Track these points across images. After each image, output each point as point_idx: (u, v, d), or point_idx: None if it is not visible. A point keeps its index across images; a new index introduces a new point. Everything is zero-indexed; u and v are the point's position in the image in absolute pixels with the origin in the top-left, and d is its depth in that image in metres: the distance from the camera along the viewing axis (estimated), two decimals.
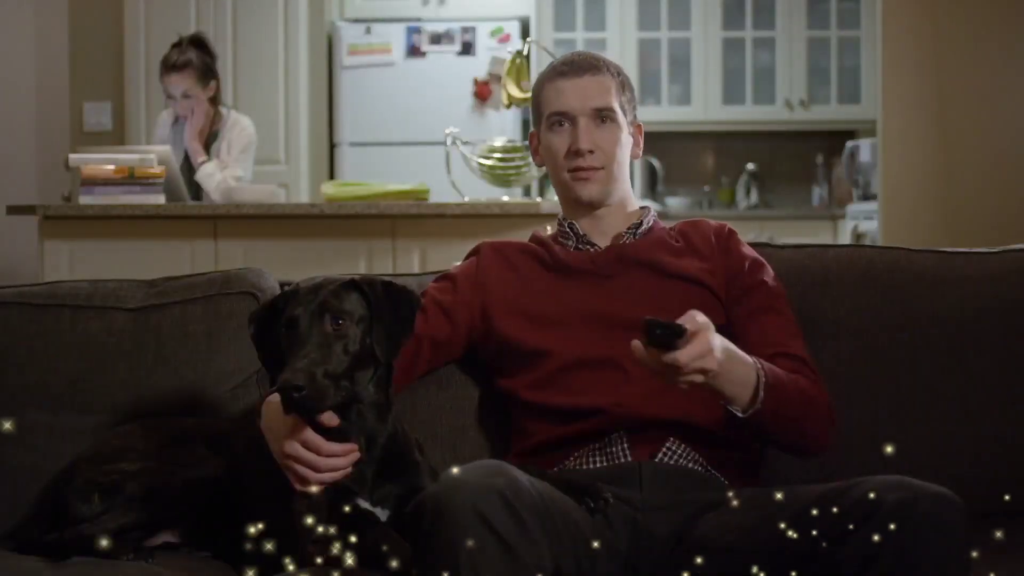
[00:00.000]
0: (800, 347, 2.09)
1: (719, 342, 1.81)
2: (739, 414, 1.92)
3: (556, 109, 2.16)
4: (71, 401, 2.25)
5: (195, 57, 4.82)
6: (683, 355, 1.74)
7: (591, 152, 2.14)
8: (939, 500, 1.61)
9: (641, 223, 2.21)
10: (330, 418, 1.84)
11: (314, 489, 1.84)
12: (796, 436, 2.01)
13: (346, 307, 1.83)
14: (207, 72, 4.86)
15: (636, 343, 1.75)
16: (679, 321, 1.76)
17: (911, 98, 5.13)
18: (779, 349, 2.05)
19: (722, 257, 2.17)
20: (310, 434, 1.84)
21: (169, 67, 4.82)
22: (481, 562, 1.59)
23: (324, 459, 1.84)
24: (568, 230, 2.21)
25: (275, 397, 1.94)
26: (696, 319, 1.78)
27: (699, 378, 1.78)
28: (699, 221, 2.25)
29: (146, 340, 2.28)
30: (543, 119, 2.20)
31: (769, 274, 2.16)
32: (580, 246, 2.20)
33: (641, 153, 2.26)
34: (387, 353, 1.87)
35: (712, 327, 1.79)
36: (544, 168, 2.28)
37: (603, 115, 2.15)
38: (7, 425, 1.93)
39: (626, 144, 2.19)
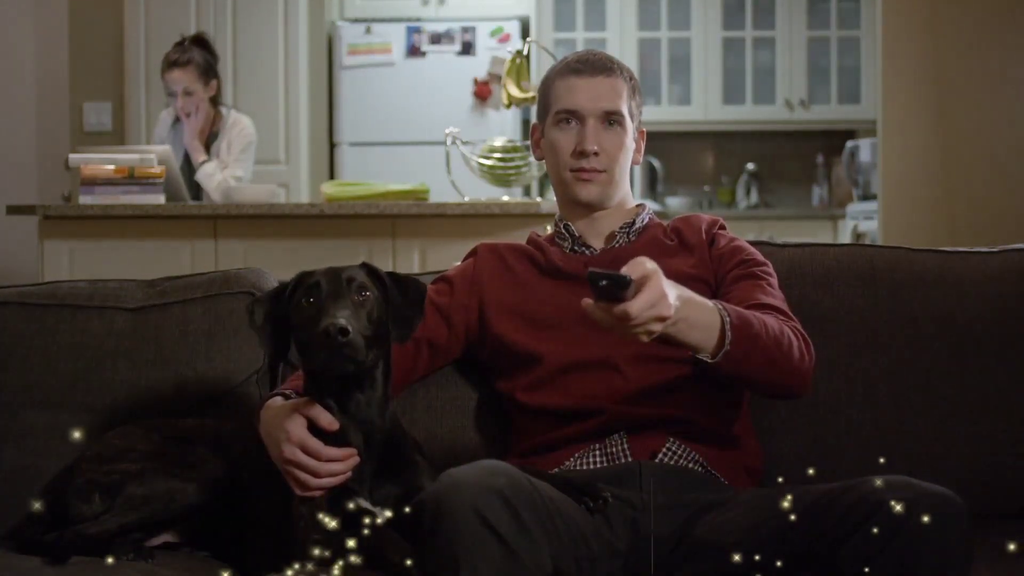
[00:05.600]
0: (776, 301, 2.04)
1: (673, 288, 1.75)
2: (708, 360, 1.87)
3: (565, 106, 2.16)
4: (71, 401, 2.25)
5: (197, 55, 4.85)
6: (633, 306, 1.67)
7: (596, 154, 2.14)
8: (940, 500, 1.60)
9: (634, 222, 2.20)
10: (330, 423, 1.85)
11: (315, 494, 1.84)
12: (775, 375, 1.94)
13: (366, 282, 1.87)
14: (208, 71, 4.87)
15: (586, 300, 1.69)
16: (624, 269, 1.69)
17: (911, 98, 5.13)
18: (750, 303, 2.00)
19: (708, 248, 2.17)
20: (310, 439, 1.84)
21: (171, 63, 4.84)
22: (481, 562, 1.59)
23: (324, 464, 1.84)
24: (564, 231, 2.21)
25: (274, 401, 1.95)
26: (644, 266, 1.71)
27: (656, 327, 1.71)
28: (693, 216, 2.25)
29: (146, 340, 2.28)
30: (550, 114, 2.19)
31: (749, 251, 2.15)
32: (575, 248, 2.20)
33: (641, 159, 2.26)
34: (401, 333, 1.89)
35: (661, 272, 1.72)
36: (542, 162, 2.28)
37: (612, 118, 2.15)
38: (77, 434, 2.01)
39: (630, 149, 2.19)
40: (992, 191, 4.93)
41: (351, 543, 1.72)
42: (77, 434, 2.06)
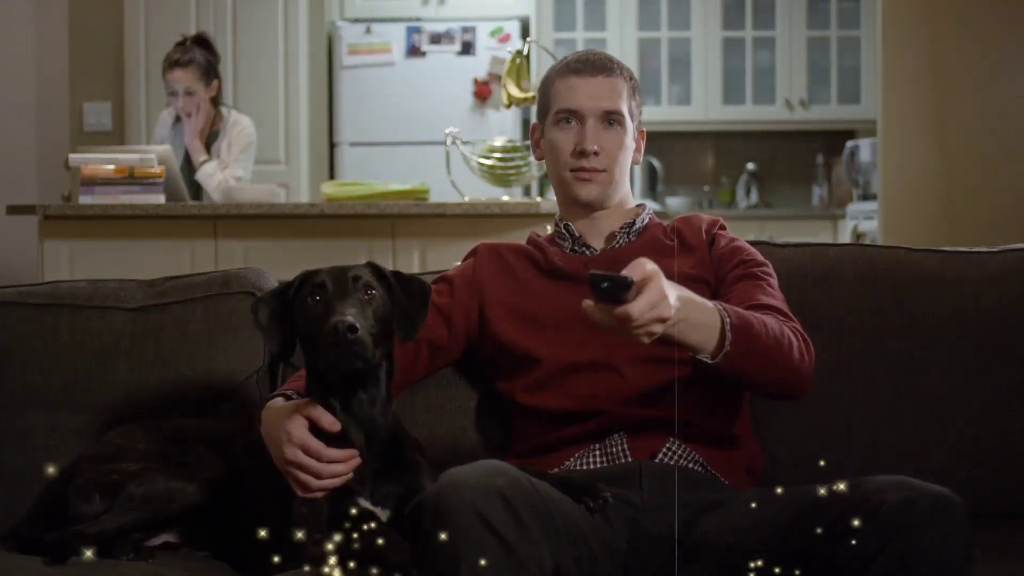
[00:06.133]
0: (776, 301, 2.05)
1: (673, 288, 1.76)
2: (708, 361, 1.88)
3: (565, 106, 2.16)
4: (71, 401, 2.25)
5: (199, 55, 4.85)
6: (634, 307, 1.67)
7: (596, 154, 2.14)
8: (940, 500, 1.60)
9: (634, 222, 2.20)
10: (332, 423, 1.85)
11: (316, 495, 1.84)
12: (775, 375, 1.94)
13: (372, 281, 1.87)
14: (210, 71, 4.88)
15: (587, 302, 1.70)
16: (625, 271, 1.69)
17: (911, 98, 5.13)
18: (751, 303, 2.01)
19: (709, 248, 2.17)
20: (311, 440, 1.84)
21: (172, 63, 4.85)
22: (481, 562, 1.59)
23: (325, 465, 1.84)
24: (564, 231, 2.21)
25: (275, 402, 1.95)
26: (645, 267, 1.71)
27: (657, 328, 1.72)
28: (693, 216, 2.25)
29: (146, 340, 2.28)
30: (550, 114, 2.19)
31: (749, 251, 2.15)
32: (576, 248, 2.20)
33: (641, 159, 2.25)
34: (405, 332, 1.90)
35: (662, 273, 1.73)
36: (542, 162, 2.28)
37: (612, 118, 2.15)
38: (51, 470, 2.01)
39: (630, 148, 2.19)
40: (992, 191, 4.92)
41: (351, 543, 1.72)
42: (51, 469, 2.04)
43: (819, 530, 1.65)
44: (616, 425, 2.02)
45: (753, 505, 1.83)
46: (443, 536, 1.60)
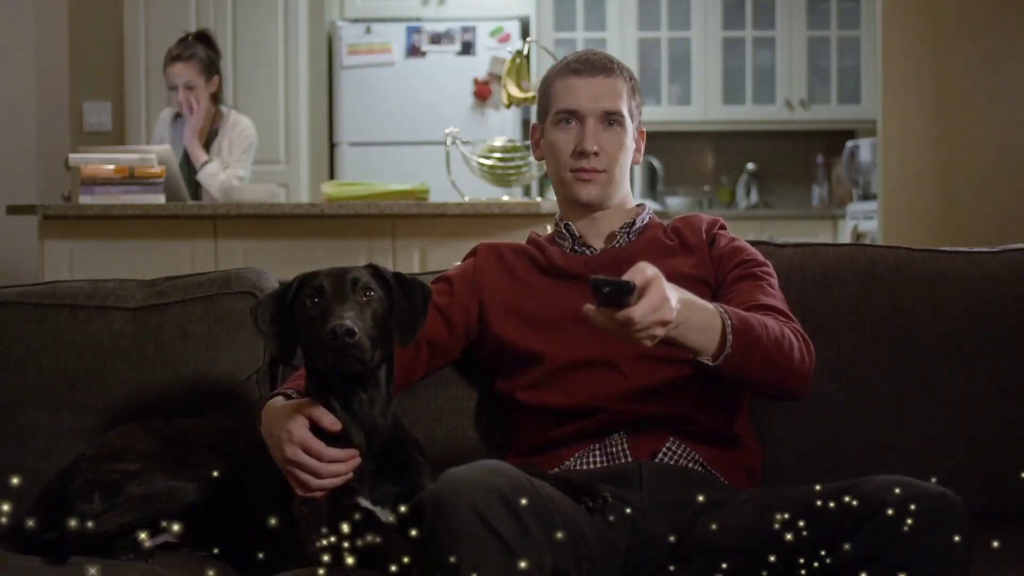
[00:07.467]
0: (776, 302, 2.05)
1: (675, 291, 1.76)
2: (709, 363, 1.88)
3: (565, 106, 2.16)
4: (71, 401, 2.25)
5: (200, 50, 4.86)
6: (636, 311, 1.67)
7: (596, 154, 2.14)
8: (940, 500, 1.61)
9: (635, 222, 2.20)
10: (332, 423, 1.85)
11: (316, 494, 1.85)
12: (776, 377, 1.95)
13: (371, 283, 1.87)
14: (211, 67, 4.88)
15: (589, 306, 1.70)
16: (626, 275, 1.70)
17: (911, 98, 5.13)
18: (751, 304, 2.01)
19: (708, 248, 2.17)
20: (312, 440, 1.84)
21: (173, 58, 4.86)
22: (481, 562, 1.59)
23: (326, 465, 1.84)
24: (564, 231, 2.21)
25: (275, 401, 1.95)
26: (645, 272, 1.72)
27: (659, 331, 1.72)
28: (693, 216, 2.25)
29: (146, 340, 2.28)
30: (550, 114, 2.19)
31: (749, 251, 2.15)
32: (576, 248, 2.20)
33: (641, 159, 2.26)
34: (404, 336, 1.89)
35: (663, 277, 1.73)
36: (542, 162, 2.28)
37: (612, 118, 2.15)
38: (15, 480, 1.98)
39: (630, 148, 2.19)
40: (992, 191, 4.93)
41: (351, 543, 1.72)
42: (15, 480, 2.01)
43: (819, 530, 1.65)
44: (615, 422, 2.02)
45: (753, 505, 1.83)
46: (443, 536, 1.60)
